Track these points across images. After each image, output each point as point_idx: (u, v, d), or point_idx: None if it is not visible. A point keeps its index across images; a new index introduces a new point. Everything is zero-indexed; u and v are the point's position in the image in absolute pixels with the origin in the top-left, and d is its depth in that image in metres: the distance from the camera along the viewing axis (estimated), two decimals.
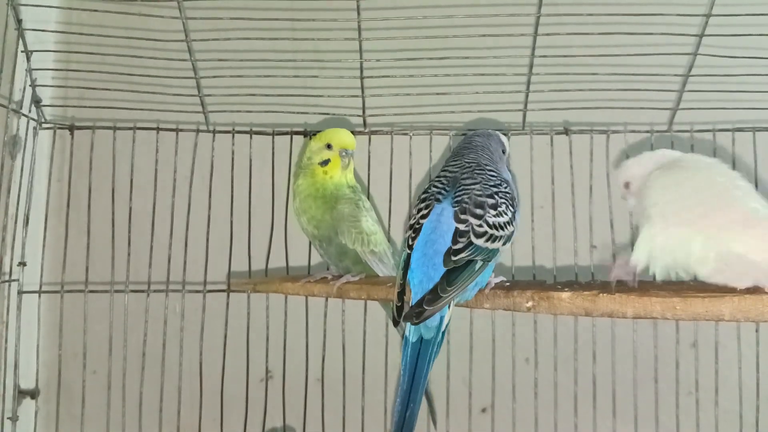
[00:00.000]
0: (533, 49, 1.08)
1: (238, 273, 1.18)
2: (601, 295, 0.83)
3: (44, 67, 1.14)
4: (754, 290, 0.81)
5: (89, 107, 1.19)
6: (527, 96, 1.13)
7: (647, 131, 1.15)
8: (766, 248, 0.77)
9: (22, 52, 1.09)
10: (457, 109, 1.16)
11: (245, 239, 1.18)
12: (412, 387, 0.83)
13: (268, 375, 1.19)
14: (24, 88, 1.12)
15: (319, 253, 1.10)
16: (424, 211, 0.87)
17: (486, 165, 0.93)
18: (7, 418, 1.11)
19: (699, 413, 1.12)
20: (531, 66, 1.09)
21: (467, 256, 0.83)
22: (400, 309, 0.85)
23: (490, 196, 0.87)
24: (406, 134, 1.19)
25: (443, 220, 0.85)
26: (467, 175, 0.90)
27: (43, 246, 1.15)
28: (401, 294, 0.86)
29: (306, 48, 1.17)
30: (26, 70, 1.11)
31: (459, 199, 0.86)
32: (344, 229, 1.03)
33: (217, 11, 1.07)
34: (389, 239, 1.15)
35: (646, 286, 0.84)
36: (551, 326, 1.12)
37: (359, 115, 1.18)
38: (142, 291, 1.16)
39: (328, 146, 1.07)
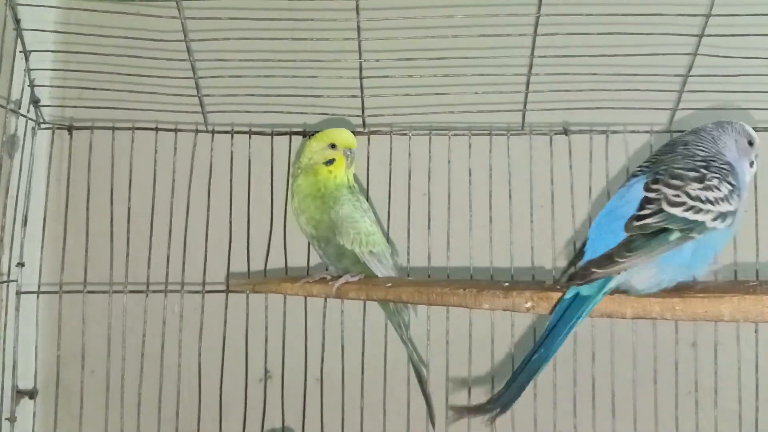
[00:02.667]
0: (533, 49, 1.07)
1: (237, 273, 1.18)
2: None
3: (43, 67, 1.14)
4: (753, 291, 0.81)
5: (88, 107, 1.18)
6: (527, 96, 1.13)
7: (647, 131, 1.15)
8: None
9: (20, 52, 1.09)
10: (457, 109, 1.16)
11: (244, 240, 1.18)
12: (546, 340, 0.78)
13: (267, 375, 1.19)
14: (22, 88, 1.12)
15: (318, 254, 1.10)
16: (619, 189, 0.85)
17: (698, 152, 0.87)
18: (6, 419, 1.10)
19: (698, 413, 1.12)
20: (530, 66, 1.09)
21: (656, 222, 0.78)
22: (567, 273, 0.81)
23: (694, 170, 0.82)
24: (405, 134, 1.19)
25: (632, 191, 0.82)
26: (672, 156, 0.87)
27: (42, 246, 1.15)
28: (576, 259, 0.83)
29: (305, 48, 1.17)
30: (24, 70, 1.11)
31: (656, 171, 0.83)
32: (343, 230, 1.03)
33: (216, 11, 1.07)
34: (388, 240, 1.15)
35: None
36: None
37: (358, 116, 1.18)
38: (141, 291, 1.15)
39: (332, 146, 1.07)
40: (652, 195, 0.81)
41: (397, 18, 1.07)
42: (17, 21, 1.06)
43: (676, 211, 0.79)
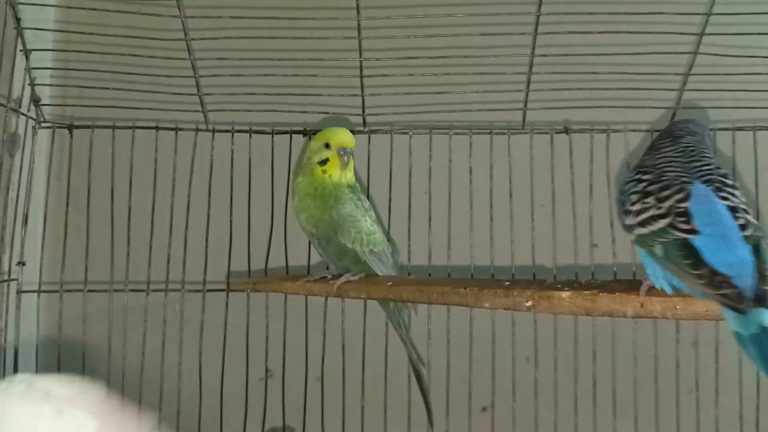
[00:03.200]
0: (533, 48, 1.07)
1: (238, 272, 1.18)
2: (601, 294, 0.83)
3: (43, 66, 1.14)
4: None
5: (88, 106, 1.18)
6: (527, 95, 1.13)
7: (647, 130, 1.15)
8: None
9: (20, 51, 1.09)
10: (457, 108, 1.16)
11: (245, 238, 1.18)
12: None
13: (267, 374, 1.19)
14: (23, 87, 1.12)
15: (319, 253, 1.10)
16: (679, 195, 0.79)
17: (703, 150, 0.88)
18: None
19: (699, 412, 1.12)
20: (531, 65, 1.09)
21: (754, 232, 0.76)
22: (731, 294, 0.71)
23: (725, 176, 0.82)
24: (405, 133, 1.18)
25: (713, 199, 0.78)
26: (693, 157, 0.86)
27: (42, 245, 1.15)
28: (712, 280, 0.73)
29: (305, 47, 1.16)
30: (25, 69, 1.11)
31: (706, 178, 0.81)
32: (343, 229, 1.03)
33: (217, 10, 1.07)
34: (389, 239, 1.15)
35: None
36: (551, 325, 1.12)
37: (359, 114, 1.18)
38: (142, 290, 1.15)
39: (327, 145, 1.07)
40: (729, 203, 0.78)
41: (397, 17, 1.06)
42: (18, 20, 1.06)
43: (751, 218, 0.78)
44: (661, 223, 0.79)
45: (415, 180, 1.18)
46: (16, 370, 1.11)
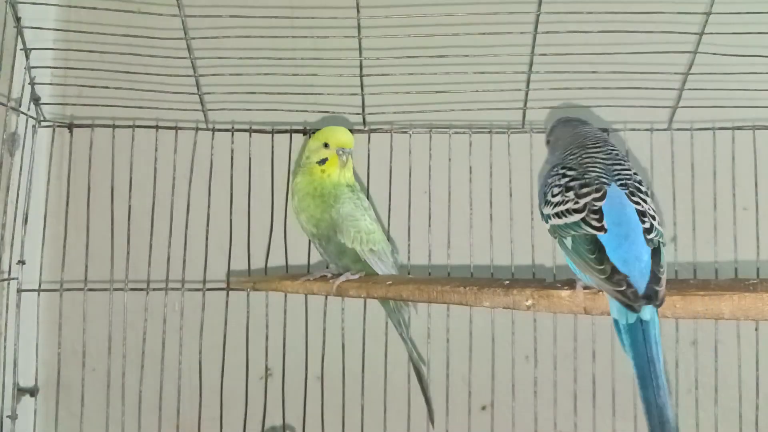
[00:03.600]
0: (533, 47, 1.07)
1: (238, 271, 1.18)
2: (600, 293, 0.83)
3: (43, 65, 1.14)
4: (754, 288, 0.81)
5: (88, 105, 1.18)
6: (527, 94, 1.13)
7: (647, 129, 1.15)
8: None
9: (21, 50, 1.09)
10: (457, 107, 1.16)
11: (245, 237, 1.18)
12: (655, 372, 0.78)
13: (267, 373, 1.19)
14: (23, 86, 1.12)
15: (319, 252, 1.11)
16: (597, 194, 0.85)
17: (621, 159, 0.93)
18: (7, 417, 1.11)
19: (699, 411, 1.12)
20: (531, 64, 1.09)
21: (656, 237, 0.82)
22: (626, 291, 0.78)
23: (640, 183, 0.88)
24: (405, 132, 1.19)
25: (624, 202, 0.84)
26: (614, 162, 0.91)
27: (42, 244, 1.15)
28: (612, 276, 0.79)
29: (305, 46, 1.17)
30: (25, 68, 1.11)
31: (623, 182, 0.87)
32: (343, 228, 1.04)
33: (217, 9, 1.07)
34: (388, 238, 1.15)
35: None
36: (551, 324, 1.12)
37: (359, 114, 1.18)
38: (142, 289, 1.15)
39: (326, 145, 1.07)
40: (639, 207, 0.84)
41: (397, 16, 1.07)
42: (18, 19, 1.06)
43: (656, 224, 0.84)
44: (576, 217, 0.85)
45: (414, 179, 1.18)
46: (16, 369, 1.11)
